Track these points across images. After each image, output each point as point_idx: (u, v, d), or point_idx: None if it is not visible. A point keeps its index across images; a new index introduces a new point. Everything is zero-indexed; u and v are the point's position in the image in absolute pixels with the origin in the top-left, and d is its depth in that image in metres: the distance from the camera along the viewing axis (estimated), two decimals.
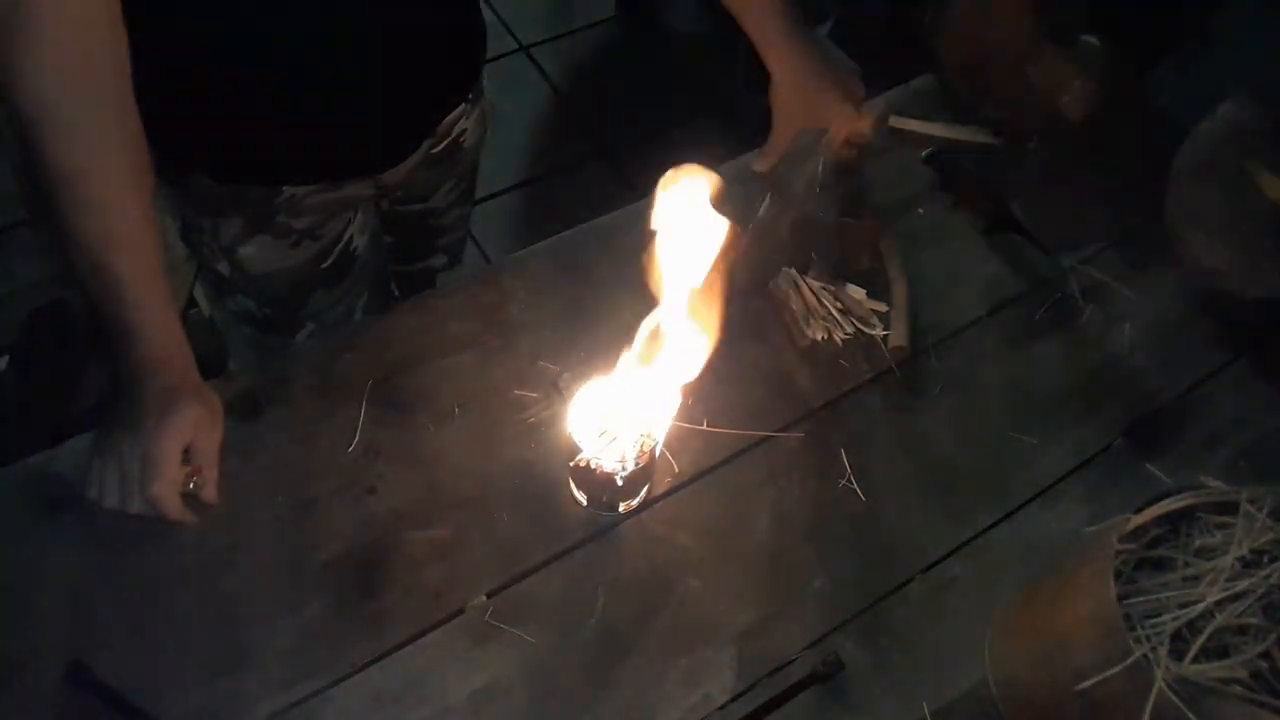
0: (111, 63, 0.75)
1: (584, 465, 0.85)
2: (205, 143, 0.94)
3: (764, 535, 0.90)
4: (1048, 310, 1.07)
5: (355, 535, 0.86)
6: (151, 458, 0.77)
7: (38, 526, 0.83)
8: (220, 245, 1.01)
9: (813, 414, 0.97)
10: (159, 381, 0.79)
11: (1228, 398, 1.02)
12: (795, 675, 0.81)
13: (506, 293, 1.03)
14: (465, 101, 1.09)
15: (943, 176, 1.16)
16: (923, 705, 0.81)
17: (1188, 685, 0.65)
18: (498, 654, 0.81)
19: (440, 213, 1.23)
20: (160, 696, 0.76)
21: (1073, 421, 0.99)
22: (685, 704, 0.80)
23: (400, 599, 0.83)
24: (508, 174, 2.30)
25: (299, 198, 0.99)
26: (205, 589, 0.82)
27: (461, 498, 0.89)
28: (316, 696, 0.78)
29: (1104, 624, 0.68)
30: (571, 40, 2.63)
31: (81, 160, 0.74)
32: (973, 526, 0.91)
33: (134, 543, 0.82)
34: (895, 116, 1.21)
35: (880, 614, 0.86)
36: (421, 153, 1.07)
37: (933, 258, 1.10)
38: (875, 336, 1.02)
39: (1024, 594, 0.84)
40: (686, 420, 0.93)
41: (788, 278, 1.05)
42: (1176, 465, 0.96)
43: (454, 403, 0.94)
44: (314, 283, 1.08)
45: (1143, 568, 0.73)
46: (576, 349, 0.96)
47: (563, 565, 0.86)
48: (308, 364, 0.96)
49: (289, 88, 0.90)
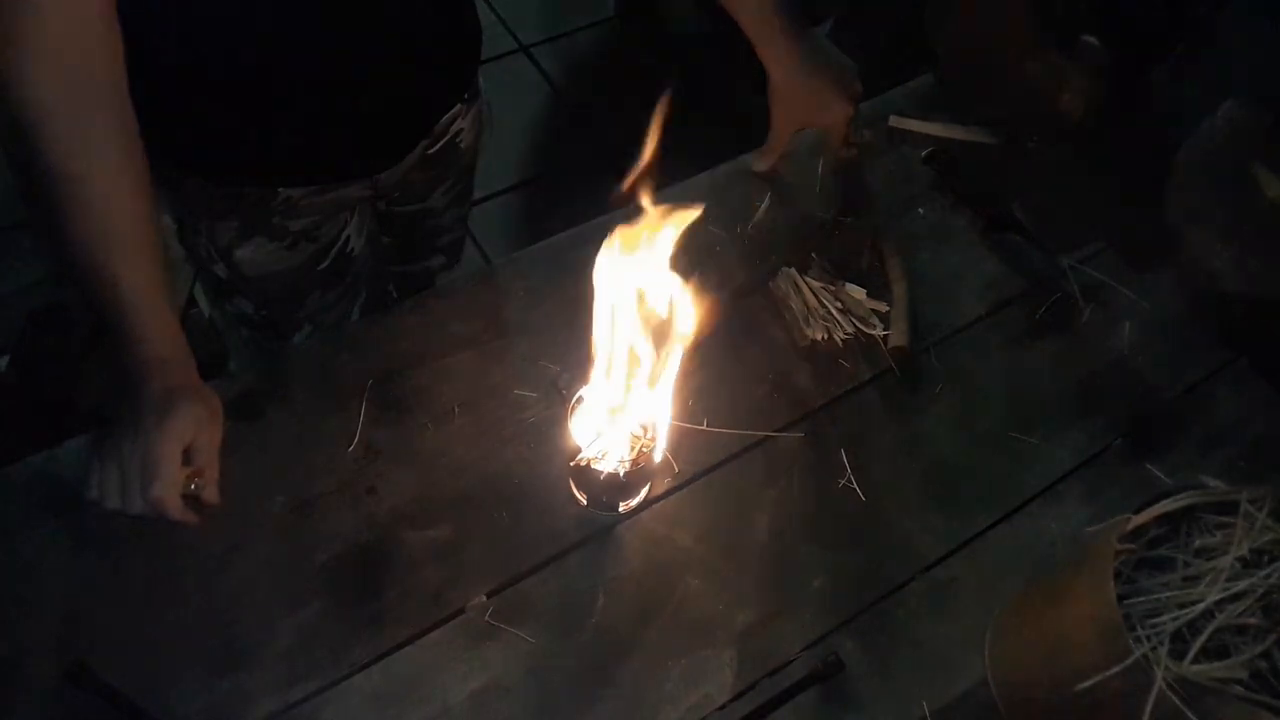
0: (107, 64, 0.75)
1: (584, 465, 0.85)
2: (200, 144, 0.93)
3: (764, 535, 0.90)
4: (1048, 310, 1.07)
5: (355, 535, 0.86)
6: (152, 459, 0.77)
7: (38, 526, 0.84)
8: (217, 247, 1.01)
9: (812, 414, 0.97)
10: (159, 382, 0.79)
11: (1228, 398, 1.02)
12: (795, 675, 0.81)
13: (506, 293, 1.03)
14: (461, 102, 1.09)
15: (943, 176, 1.16)
16: (923, 705, 0.81)
17: (1188, 685, 0.65)
18: (498, 654, 0.81)
19: (438, 213, 1.23)
20: (160, 696, 0.76)
21: (1073, 421, 0.99)
22: (685, 704, 0.80)
23: (400, 599, 0.83)
24: (507, 174, 2.30)
25: (295, 199, 0.98)
26: (205, 589, 0.82)
27: (461, 498, 0.89)
28: (316, 696, 0.78)
29: (1104, 624, 0.68)
30: (571, 40, 2.63)
31: (78, 161, 0.74)
32: (973, 526, 0.91)
33: (134, 543, 0.82)
34: (895, 116, 1.21)
35: (880, 614, 0.86)
36: (418, 153, 1.07)
37: (933, 258, 1.10)
38: (875, 336, 1.02)
39: (1024, 594, 0.84)
40: (686, 420, 0.93)
41: (788, 278, 1.05)
42: (1176, 465, 0.96)
43: (454, 403, 0.94)
44: (311, 284, 1.08)
45: (1143, 568, 0.73)
46: (576, 349, 0.96)
47: (562, 565, 0.86)
48: (307, 364, 0.96)
49: (284, 89, 0.90)
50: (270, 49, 0.86)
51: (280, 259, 1.03)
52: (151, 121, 0.79)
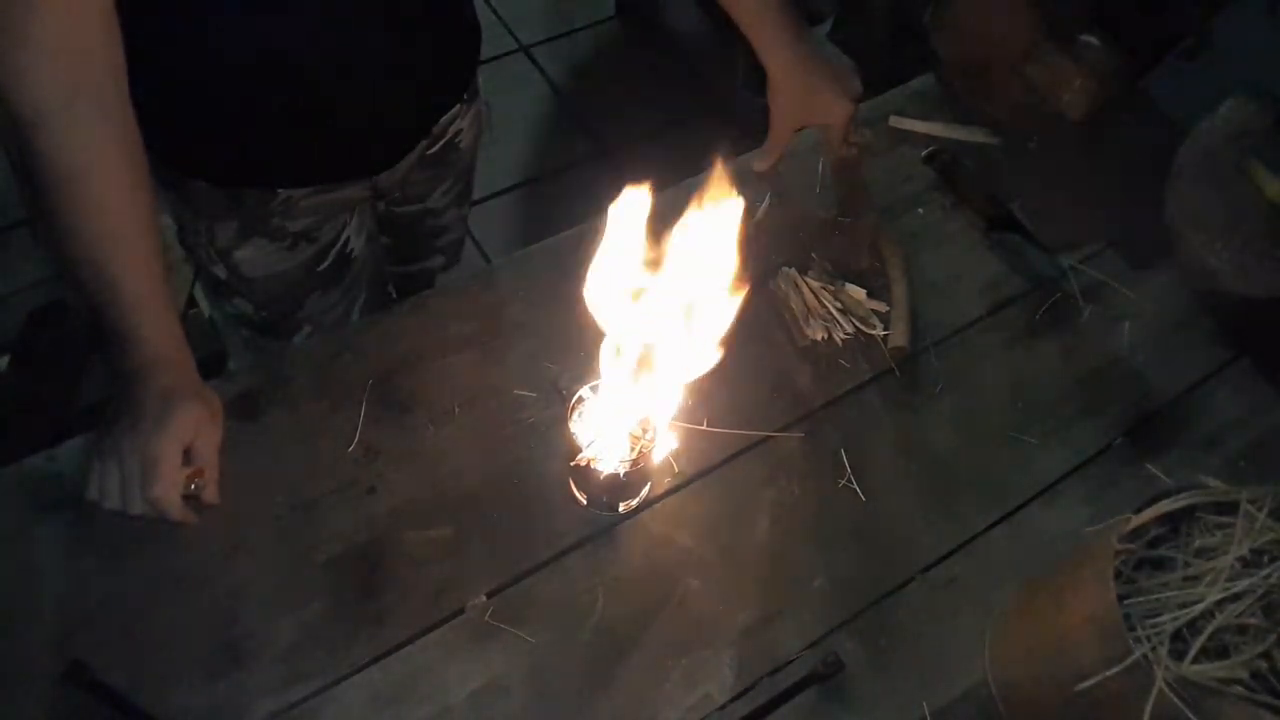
0: (107, 64, 0.75)
1: (584, 465, 0.85)
2: (200, 146, 0.94)
3: (764, 535, 0.89)
4: (1048, 310, 1.07)
5: (355, 535, 0.86)
6: (152, 459, 0.77)
7: (37, 526, 0.83)
8: (216, 248, 1.01)
9: (812, 414, 0.97)
10: (159, 382, 0.79)
11: (1228, 398, 1.02)
12: (795, 675, 0.81)
13: (506, 293, 1.03)
14: (461, 102, 1.09)
15: (943, 176, 1.16)
16: (923, 705, 0.81)
17: (1188, 685, 0.65)
18: (498, 654, 0.81)
19: (437, 213, 1.23)
20: (160, 696, 0.76)
21: (1073, 421, 0.99)
22: (685, 704, 0.80)
23: (400, 599, 0.83)
24: (507, 174, 2.30)
25: (294, 200, 0.99)
26: (205, 589, 0.82)
27: (461, 498, 0.89)
28: (316, 696, 0.78)
29: (1104, 624, 0.68)
30: (571, 40, 2.63)
31: (79, 161, 0.74)
32: (973, 526, 0.91)
33: (134, 543, 0.82)
34: (895, 116, 1.21)
35: (880, 614, 0.86)
36: (417, 154, 1.07)
37: (933, 258, 1.10)
38: (875, 336, 1.02)
39: (1024, 594, 0.84)
40: (686, 420, 0.93)
41: (788, 278, 1.05)
42: (1176, 465, 0.96)
43: (454, 403, 0.94)
44: (311, 285, 1.08)
45: (1143, 568, 0.73)
46: (576, 349, 0.96)
47: (562, 565, 0.86)
48: (307, 364, 0.96)
49: (284, 90, 0.90)
50: (270, 49, 0.86)
51: (280, 260, 1.03)
52: (151, 122, 0.79)
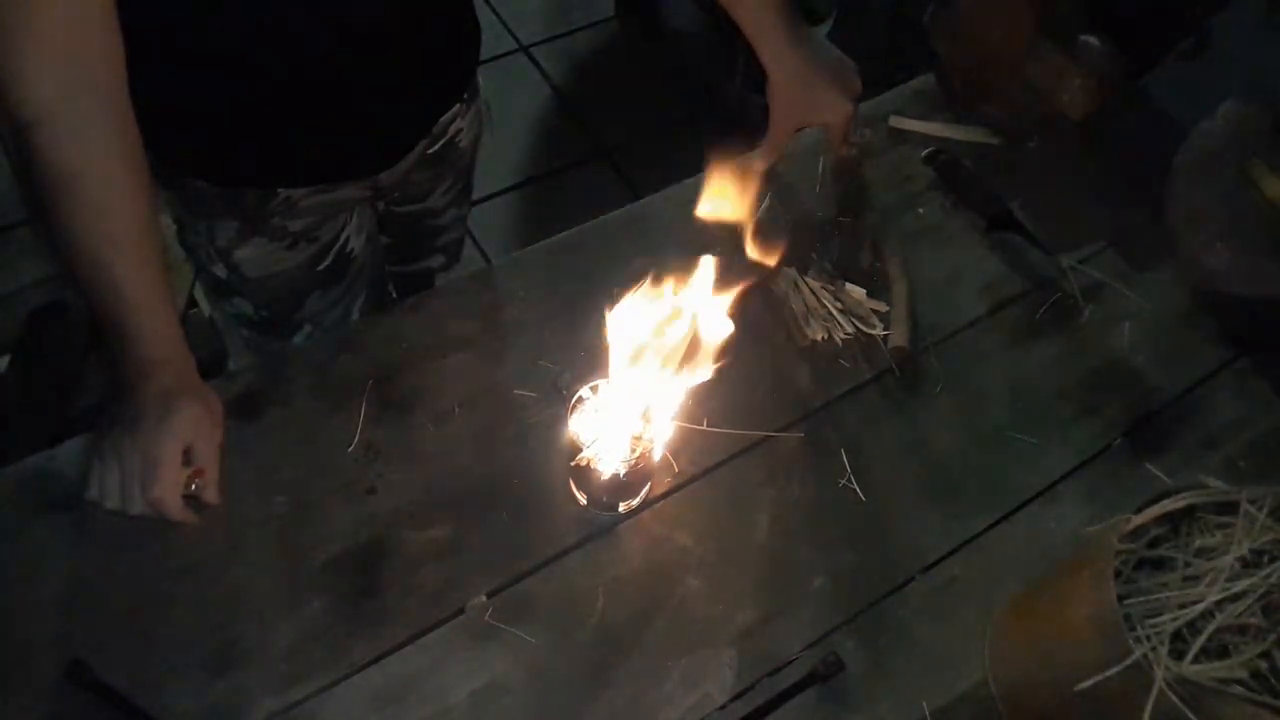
0: (107, 63, 0.75)
1: (584, 465, 0.85)
2: (200, 145, 0.94)
3: (764, 535, 0.90)
4: (1048, 310, 1.07)
5: (355, 535, 0.86)
6: (152, 459, 0.77)
7: (37, 526, 0.83)
8: (216, 248, 1.01)
9: (812, 414, 0.97)
10: (159, 383, 0.79)
11: (1228, 398, 1.02)
12: (795, 675, 0.81)
13: (506, 293, 1.03)
14: (460, 101, 1.09)
15: (943, 176, 1.16)
16: (923, 705, 0.81)
17: (1188, 685, 0.65)
18: (498, 654, 0.81)
19: (437, 213, 1.23)
20: (160, 696, 0.76)
21: (1073, 421, 0.99)
22: (685, 704, 0.80)
23: (400, 599, 0.83)
24: (507, 174, 2.31)
25: (294, 200, 0.98)
26: (205, 588, 0.82)
27: (461, 498, 0.89)
28: (316, 696, 0.78)
29: (1104, 624, 0.68)
30: (571, 40, 2.63)
31: (79, 161, 0.74)
32: (973, 526, 0.91)
33: (134, 542, 0.82)
34: (895, 116, 1.21)
35: (880, 614, 0.86)
36: (417, 153, 1.07)
37: (933, 258, 1.10)
38: (875, 336, 1.02)
39: (1024, 594, 0.84)
40: (686, 420, 0.93)
41: (788, 278, 1.05)
42: (1176, 465, 0.96)
43: (454, 403, 0.94)
44: (311, 285, 1.08)
45: (1143, 568, 0.73)
46: (576, 349, 0.96)
47: (562, 565, 0.86)
48: (307, 364, 0.96)
49: (283, 90, 0.90)
50: (269, 49, 0.86)
51: (280, 259, 1.03)
52: (151, 122, 0.79)
